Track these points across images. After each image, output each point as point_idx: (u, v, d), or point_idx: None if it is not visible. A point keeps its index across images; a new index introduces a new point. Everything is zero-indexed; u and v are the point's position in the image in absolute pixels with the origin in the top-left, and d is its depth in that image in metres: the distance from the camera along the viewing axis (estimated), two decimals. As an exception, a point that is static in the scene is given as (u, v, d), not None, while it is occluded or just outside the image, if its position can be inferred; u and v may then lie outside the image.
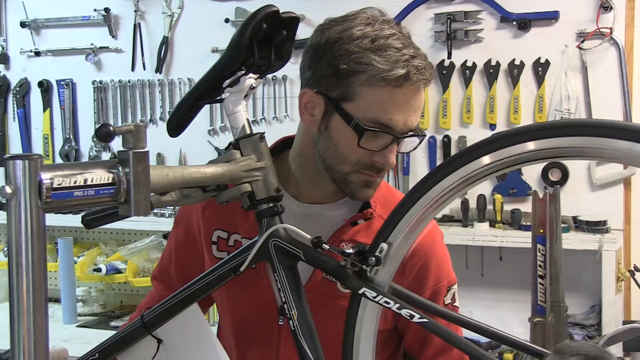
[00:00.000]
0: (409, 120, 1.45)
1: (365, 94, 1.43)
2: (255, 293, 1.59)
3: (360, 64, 1.42)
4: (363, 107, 1.43)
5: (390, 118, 1.43)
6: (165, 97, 3.87)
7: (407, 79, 1.41)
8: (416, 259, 1.58)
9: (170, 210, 3.63)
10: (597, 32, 3.11)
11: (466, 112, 3.35)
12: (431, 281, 1.61)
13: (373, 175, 1.51)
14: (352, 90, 1.43)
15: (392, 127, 1.43)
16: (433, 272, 1.61)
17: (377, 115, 1.43)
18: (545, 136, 1.06)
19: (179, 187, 1.25)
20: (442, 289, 1.62)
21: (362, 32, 1.43)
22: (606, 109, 3.12)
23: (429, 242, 1.61)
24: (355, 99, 1.44)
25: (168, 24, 3.81)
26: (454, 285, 1.65)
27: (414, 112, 1.46)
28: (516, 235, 3.11)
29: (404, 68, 1.41)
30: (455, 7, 3.35)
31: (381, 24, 1.45)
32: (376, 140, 1.45)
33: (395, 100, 1.42)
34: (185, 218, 1.74)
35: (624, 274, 2.97)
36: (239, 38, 1.32)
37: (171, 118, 1.45)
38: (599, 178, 3.17)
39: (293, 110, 3.66)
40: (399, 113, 1.43)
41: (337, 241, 1.56)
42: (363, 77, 1.42)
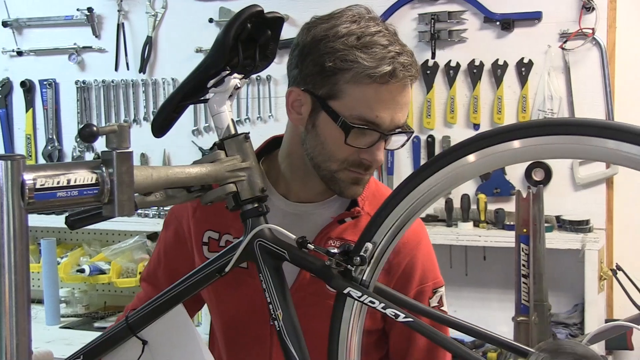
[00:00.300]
0: (395, 117, 1.45)
1: (351, 91, 1.43)
2: (246, 293, 1.58)
3: (345, 61, 1.42)
4: (349, 105, 1.43)
5: (376, 115, 1.43)
6: (149, 97, 3.86)
7: (393, 75, 1.41)
8: (401, 256, 1.58)
9: (154, 211, 3.62)
10: (580, 33, 3.13)
11: (450, 112, 3.36)
12: (416, 281, 1.61)
13: (361, 172, 1.50)
14: (338, 88, 1.43)
15: (378, 125, 1.43)
16: (418, 271, 1.61)
17: (363, 113, 1.42)
18: (530, 135, 1.07)
19: (163, 187, 1.25)
20: (427, 289, 1.62)
21: (348, 29, 1.43)
22: (589, 109, 3.14)
23: (415, 241, 1.61)
24: (341, 97, 1.44)
25: (152, 23, 3.80)
26: (441, 288, 1.65)
27: (400, 109, 1.46)
28: (500, 234, 3.13)
29: (390, 65, 1.41)
30: (439, 7, 3.36)
31: (367, 22, 1.45)
32: (363, 138, 1.44)
33: (382, 97, 1.42)
34: (174, 220, 1.73)
35: (607, 273, 3.00)
36: (223, 38, 1.32)
37: (155, 118, 1.44)
38: (582, 178, 3.19)
39: (277, 110, 3.66)
40: (386, 110, 1.43)
41: (324, 239, 1.56)
42: (349, 74, 1.42)
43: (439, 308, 1.63)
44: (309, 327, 1.31)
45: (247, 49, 1.37)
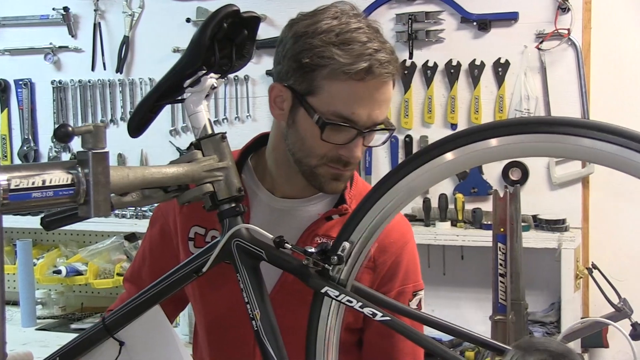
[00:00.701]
0: (373, 114, 1.45)
1: (328, 87, 1.43)
2: (231, 291, 1.57)
3: (322, 57, 1.42)
4: (326, 101, 1.43)
5: (352, 112, 1.42)
6: (126, 97, 3.84)
7: (370, 72, 1.41)
8: (387, 255, 1.59)
9: (131, 212, 3.60)
10: (556, 33, 3.15)
11: (427, 112, 3.37)
12: (399, 281, 1.61)
13: (340, 168, 1.50)
14: (315, 84, 1.43)
15: (355, 121, 1.43)
16: (402, 271, 1.61)
17: (339, 109, 1.42)
18: (507, 133, 1.07)
19: (140, 187, 1.24)
20: (407, 291, 1.62)
21: (328, 25, 1.43)
22: (564, 108, 3.17)
23: (402, 241, 1.62)
24: (318, 93, 1.44)
25: (129, 23, 3.78)
26: (421, 292, 1.65)
27: (379, 106, 1.45)
28: (477, 234, 3.14)
29: (367, 62, 1.40)
30: (416, 7, 3.37)
31: (349, 18, 1.45)
32: (340, 134, 1.45)
33: (358, 94, 1.42)
34: (160, 217, 1.73)
35: (582, 272, 3.02)
36: (200, 38, 1.32)
37: (132, 118, 1.44)
38: (558, 177, 3.21)
39: (255, 110, 3.66)
40: (362, 107, 1.43)
41: (311, 236, 1.56)
42: (325, 71, 1.42)
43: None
44: (294, 325, 1.31)
45: (224, 48, 1.37)
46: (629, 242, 3.22)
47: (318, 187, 1.55)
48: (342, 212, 1.58)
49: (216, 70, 1.38)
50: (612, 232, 3.24)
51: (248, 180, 1.62)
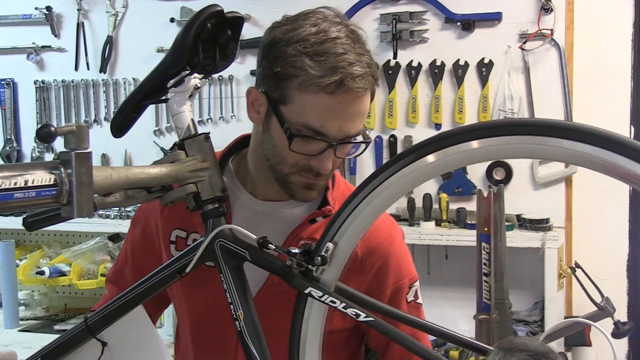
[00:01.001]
0: (345, 127, 1.42)
1: (299, 98, 1.41)
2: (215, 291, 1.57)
3: (294, 67, 1.39)
4: (297, 112, 1.41)
5: (322, 125, 1.40)
6: (110, 97, 3.83)
7: (341, 86, 1.38)
8: (375, 257, 1.58)
9: (115, 212, 3.59)
10: (539, 34, 3.17)
11: (412, 112, 3.38)
12: (392, 280, 1.61)
13: (312, 178, 1.48)
14: (287, 93, 1.41)
15: (324, 134, 1.41)
16: (393, 270, 1.61)
17: (309, 121, 1.40)
18: (489, 135, 1.08)
19: (123, 188, 1.24)
20: (403, 286, 1.62)
21: (306, 34, 1.41)
22: (548, 108, 3.18)
23: (388, 241, 1.61)
24: (290, 103, 1.42)
25: (112, 23, 3.77)
26: (416, 282, 1.65)
27: (351, 120, 1.43)
28: (462, 233, 3.15)
29: (338, 75, 1.37)
30: (400, 7, 3.38)
31: (331, 25, 1.42)
32: (309, 145, 1.43)
33: (329, 107, 1.40)
34: (142, 218, 1.72)
35: (566, 271, 3.04)
36: (183, 38, 1.31)
37: (115, 118, 1.43)
38: (542, 177, 3.23)
39: (239, 110, 3.65)
40: (333, 120, 1.41)
41: (295, 239, 1.55)
42: (297, 81, 1.40)
43: (414, 302, 1.63)
44: (282, 326, 1.30)
45: (207, 48, 1.36)
46: (611, 241, 3.25)
47: (290, 195, 1.53)
48: (326, 214, 1.57)
49: (200, 70, 1.38)
50: (595, 232, 3.26)
51: (229, 182, 1.60)
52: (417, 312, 1.63)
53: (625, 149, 0.98)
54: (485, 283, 1.88)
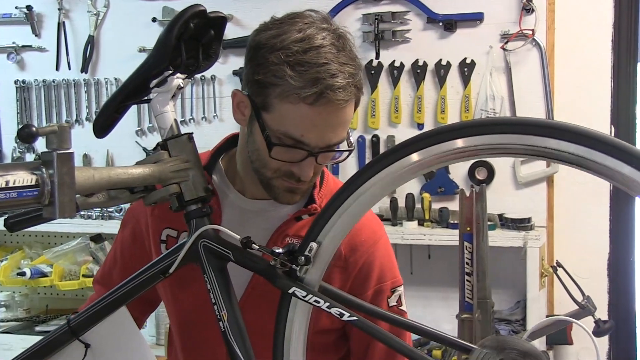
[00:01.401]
0: (325, 137, 1.42)
1: (279, 107, 1.40)
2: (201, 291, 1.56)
3: (275, 77, 1.38)
4: (277, 120, 1.41)
5: (302, 134, 1.40)
6: (92, 97, 3.81)
7: (321, 97, 1.37)
8: (358, 255, 1.58)
9: (97, 212, 3.58)
10: (520, 34, 3.18)
11: (394, 112, 3.39)
12: (374, 280, 1.61)
13: (294, 183, 1.48)
14: (269, 101, 1.41)
15: (305, 143, 1.41)
16: (376, 270, 1.61)
17: (290, 130, 1.40)
18: (473, 133, 1.08)
19: (106, 188, 1.23)
20: (385, 288, 1.62)
21: (290, 41, 1.39)
22: (529, 108, 3.20)
23: (372, 240, 1.61)
24: (271, 111, 1.41)
25: (93, 22, 3.75)
26: (400, 287, 1.64)
27: (332, 130, 1.42)
28: (444, 233, 3.16)
29: (318, 87, 1.36)
30: (382, 7, 3.38)
31: (317, 31, 1.40)
32: (290, 153, 1.42)
33: (309, 117, 1.39)
34: (132, 219, 1.71)
35: (547, 270, 3.05)
36: (166, 37, 1.31)
37: (97, 118, 1.42)
38: (523, 176, 3.24)
39: (222, 110, 3.65)
40: (313, 130, 1.40)
41: (281, 236, 1.55)
42: (277, 90, 1.39)
43: (397, 308, 1.63)
44: (265, 326, 1.30)
45: (190, 48, 1.36)
46: (592, 240, 3.27)
47: (274, 198, 1.53)
48: (312, 212, 1.57)
49: (182, 70, 1.37)
50: (576, 231, 3.28)
51: (219, 181, 1.61)
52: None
53: (608, 147, 0.98)
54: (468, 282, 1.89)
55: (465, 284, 1.89)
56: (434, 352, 3.04)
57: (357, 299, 1.32)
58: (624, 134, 3.23)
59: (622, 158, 0.97)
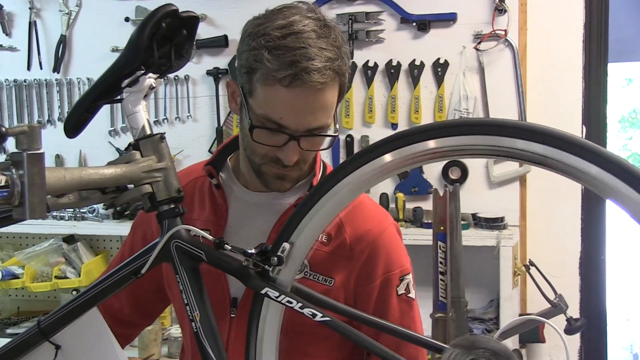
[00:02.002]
0: (305, 120, 1.45)
1: (260, 91, 1.44)
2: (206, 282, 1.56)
3: (255, 61, 1.43)
4: (259, 104, 1.45)
5: (280, 117, 1.44)
6: (64, 97, 3.78)
7: (296, 79, 1.40)
8: (363, 244, 1.59)
9: (69, 213, 3.55)
10: (493, 34, 3.20)
11: (368, 112, 3.39)
12: (381, 270, 1.61)
13: (281, 169, 1.52)
14: (252, 86, 1.46)
15: (285, 126, 1.45)
16: (382, 260, 1.62)
17: (269, 113, 1.44)
18: (445, 134, 1.09)
19: (77, 189, 1.23)
20: (393, 277, 1.63)
21: (272, 28, 1.43)
22: (502, 108, 3.22)
23: (378, 230, 1.62)
24: (254, 95, 1.46)
25: (65, 22, 3.72)
26: (408, 275, 1.66)
27: (311, 113, 1.45)
28: (418, 233, 3.16)
29: (293, 69, 1.39)
30: (356, 7, 3.39)
31: (302, 19, 1.44)
32: (272, 137, 1.46)
33: (286, 100, 1.42)
34: (143, 222, 1.73)
35: (520, 269, 3.07)
36: (138, 37, 1.31)
37: (68, 118, 1.42)
38: (497, 176, 3.26)
39: (196, 110, 3.63)
40: (291, 113, 1.43)
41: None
42: (258, 74, 1.43)
43: (406, 295, 1.64)
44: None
45: (163, 48, 1.36)
46: (564, 239, 3.30)
47: (264, 185, 1.57)
48: None
49: (155, 70, 1.37)
50: (549, 230, 3.31)
51: (226, 177, 1.66)
52: (408, 306, 1.65)
53: (576, 147, 0.99)
54: (442, 282, 1.90)
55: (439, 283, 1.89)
56: (408, 352, 3.04)
57: (331, 299, 1.33)
58: (595, 133, 3.26)
59: (589, 159, 0.98)
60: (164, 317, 3.44)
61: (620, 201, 0.97)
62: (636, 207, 0.96)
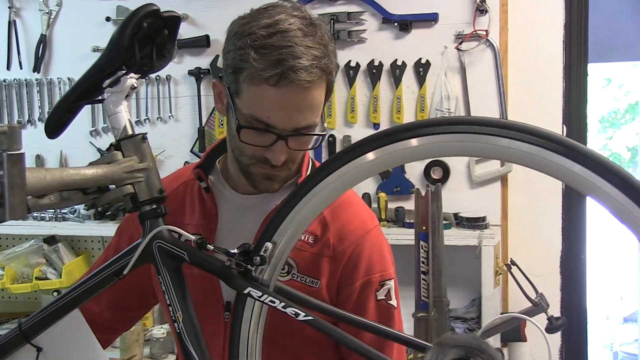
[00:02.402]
0: (292, 119, 1.45)
1: (247, 90, 1.45)
2: (200, 285, 1.55)
3: (242, 61, 1.43)
4: (246, 104, 1.45)
5: (268, 116, 1.44)
6: (45, 97, 3.76)
7: (283, 78, 1.41)
8: (346, 244, 1.60)
9: (50, 214, 3.53)
10: (474, 34, 3.22)
11: (350, 112, 3.40)
12: (362, 271, 1.61)
13: (269, 169, 1.52)
14: (239, 86, 1.46)
15: (272, 126, 1.45)
16: (364, 262, 1.62)
17: (256, 113, 1.44)
18: (428, 133, 1.09)
19: (58, 189, 1.22)
20: (373, 281, 1.63)
21: (258, 27, 1.43)
22: (483, 107, 3.23)
23: (362, 231, 1.63)
24: (241, 95, 1.46)
25: (46, 21, 3.70)
26: (390, 281, 1.66)
27: (299, 112, 1.45)
28: (400, 232, 3.17)
29: (280, 68, 1.40)
30: (338, 7, 3.39)
31: (287, 17, 1.45)
32: (260, 137, 1.47)
33: (273, 99, 1.43)
34: (130, 226, 1.72)
35: (502, 268, 3.08)
36: (119, 37, 1.30)
37: (49, 119, 1.41)
38: (478, 176, 3.28)
39: (178, 110, 3.62)
40: (278, 112, 1.44)
41: None
42: (245, 73, 1.43)
43: (386, 302, 1.64)
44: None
45: (144, 48, 1.35)
46: (545, 238, 3.31)
47: (253, 186, 1.57)
48: None
49: (136, 70, 1.36)
50: (530, 229, 3.32)
51: (215, 180, 1.66)
52: (387, 313, 1.64)
53: (559, 146, 1.00)
54: (424, 281, 1.90)
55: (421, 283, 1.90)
56: (391, 351, 3.05)
57: (313, 299, 1.33)
58: (575, 133, 3.28)
59: (572, 157, 0.99)
60: (146, 317, 3.43)
61: (601, 198, 0.98)
62: (616, 203, 0.96)
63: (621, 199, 0.96)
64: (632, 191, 0.96)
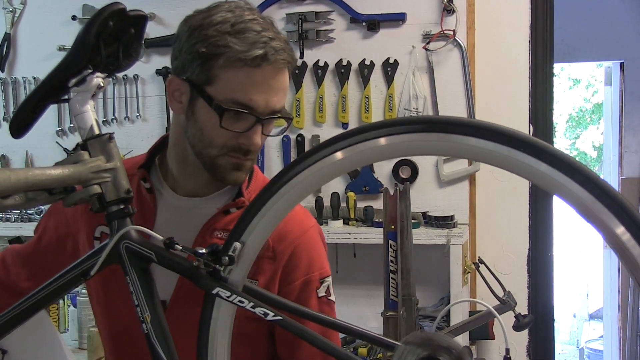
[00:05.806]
0: (270, 101, 1.49)
1: (225, 76, 1.46)
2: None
3: (218, 46, 1.45)
4: (224, 89, 1.46)
5: (250, 98, 1.46)
6: (9, 97, 3.72)
7: (265, 59, 1.45)
8: (285, 244, 1.60)
9: (16, 215, 3.49)
10: (442, 34, 3.23)
11: (319, 112, 3.40)
12: (302, 270, 1.62)
13: (241, 157, 1.53)
14: (212, 73, 1.46)
15: (252, 108, 1.47)
16: (304, 261, 1.63)
17: (237, 96, 1.46)
18: (397, 132, 1.09)
19: (23, 190, 1.20)
20: (313, 279, 1.64)
21: (223, 17, 1.47)
22: (451, 107, 3.25)
23: (299, 230, 1.63)
24: (216, 82, 1.47)
25: (10, 20, 3.66)
26: (328, 278, 1.67)
27: (275, 93, 1.49)
28: (369, 232, 3.18)
29: (261, 48, 1.45)
30: (306, 7, 3.39)
31: (243, 11, 1.49)
32: (239, 122, 1.48)
33: (254, 80, 1.46)
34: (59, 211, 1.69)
35: (470, 267, 3.11)
36: (84, 36, 1.29)
37: (14, 118, 1.39)
38: (446, 175, 3.29)
39: (145, 110, 3.60)
40: (259, 93, 1.47)
41: (209, 231, 1.58)
42: (222, 59, 1.45)
43: (326, 298, 1.65)
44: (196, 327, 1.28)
45: (110, 47, 1.34)
46: (512, 237, 3.34)
47: (220, 179, 1.57)
48: (240, 205, 1.60)
49: (102, 69, 1.35)
50: (497, 228, 3.35)
51: (155, 181, 1.64)
52: (328, 308, 1.65)
53: (526, 145, 1.01)
54: (393, 280, 1.91)
55: (390, 282, 1.91)
56: (360, 350, 3.06)
57: (282, 298, 1.33)
58: (542, 132, 3.31)
59: (538, 156, 0.99)
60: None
61: (567, 197, 0.99)
62: (581, 202, 0.97)
63: (586, 198, 0.97)
64: (597, 190, 0.96)
